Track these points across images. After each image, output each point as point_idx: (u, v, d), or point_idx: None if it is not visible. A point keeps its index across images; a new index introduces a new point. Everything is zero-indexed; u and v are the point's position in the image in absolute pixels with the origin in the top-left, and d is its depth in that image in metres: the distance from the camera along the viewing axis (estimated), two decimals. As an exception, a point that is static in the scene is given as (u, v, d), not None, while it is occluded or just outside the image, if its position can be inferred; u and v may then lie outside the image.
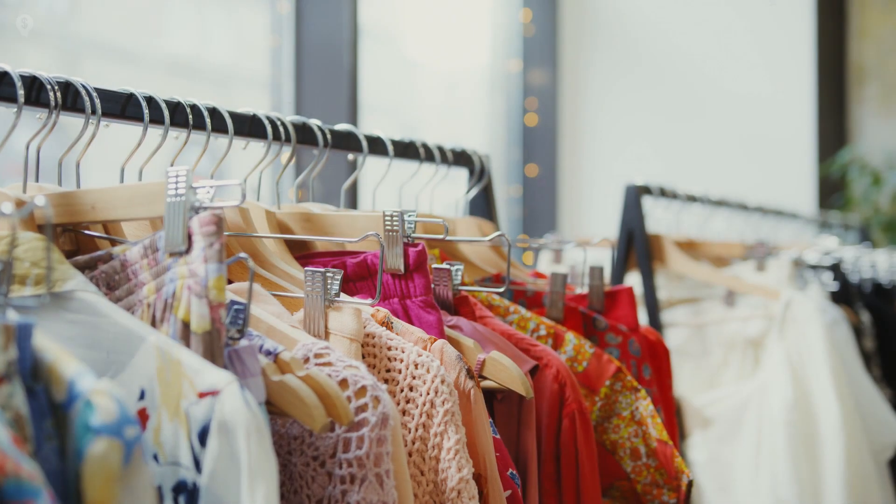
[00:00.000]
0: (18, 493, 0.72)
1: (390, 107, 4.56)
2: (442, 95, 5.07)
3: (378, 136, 1.65)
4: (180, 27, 3.51)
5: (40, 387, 0.84)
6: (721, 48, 4.93)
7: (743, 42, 4.91)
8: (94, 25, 3.07)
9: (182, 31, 3.49)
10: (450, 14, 4.92)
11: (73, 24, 3.00)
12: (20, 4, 2.73)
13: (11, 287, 0.98)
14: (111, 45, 3.14)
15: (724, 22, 4.96)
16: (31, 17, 2.55)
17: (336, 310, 1.22)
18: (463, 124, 5.19)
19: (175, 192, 1.03)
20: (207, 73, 3.66)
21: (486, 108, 5.22)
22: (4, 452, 0.72)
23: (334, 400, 1.03)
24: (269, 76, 3.86)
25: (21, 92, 1.10)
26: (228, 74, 3.87)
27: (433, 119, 4.97)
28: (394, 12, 4.53)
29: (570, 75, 5.20)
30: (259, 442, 0.91)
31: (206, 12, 3.74)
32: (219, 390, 0.93)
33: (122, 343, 0.99)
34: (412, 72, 4.81)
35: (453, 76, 5.12)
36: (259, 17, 3.96)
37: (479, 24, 5.15)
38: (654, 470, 1.59)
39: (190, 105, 1.31)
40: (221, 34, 3.85)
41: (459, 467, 1.17)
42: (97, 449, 0.79)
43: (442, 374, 1.19)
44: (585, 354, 1.60)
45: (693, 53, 4.99)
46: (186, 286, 1.00)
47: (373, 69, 4.07)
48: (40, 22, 2.79)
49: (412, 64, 4.79)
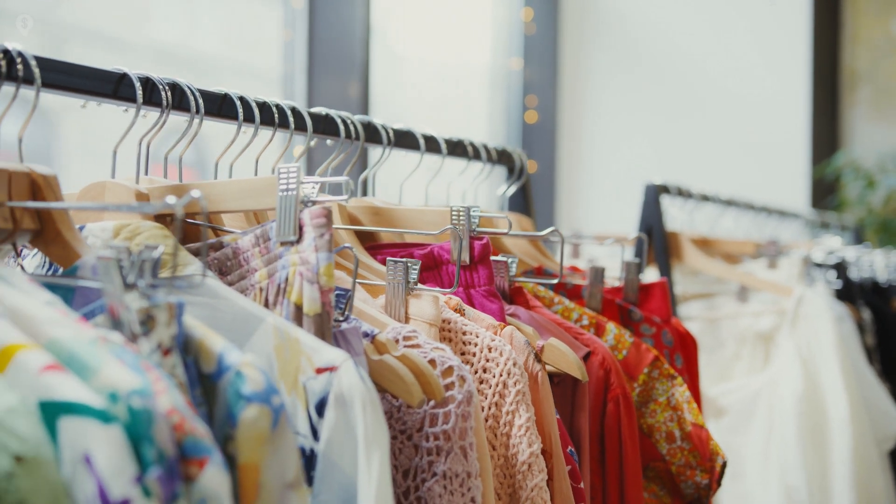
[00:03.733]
0: (196, 451, 0.82)
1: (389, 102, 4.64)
2: (443, 92, 5.16)
3: (432, 135, 1.75)
4: (170, 17, 3.54)
5: (190, 359, 0.94)
6: (720, 50, 5.06)
7: (741, 44, 5.03)
8: (81, 12, 3.06)
9: (169, 20, 3.50)
10: (452, 12, 5.02)
11: (59, 11, 2.99)
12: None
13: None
14: (98, 31, 3.13)
15: (724, 24, 5.08)
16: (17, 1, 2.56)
17: (416, 297, 1.32)
18: (463, 120, 5.29)
19: (286, 187, 1.13)
20: (194, 62, 3.66)
21: (486, 105, 5.33)
22: (182, 413, 0.82)
23: (428, 378, 1.13)
24: (282, 71, 3.95)
25: (140, 93, 1.20)
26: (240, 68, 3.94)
27: (434, 115, 5.06)
28: (396, 10, 4.60)
29: (570, 74, 5.31)
30: (374, 413, 1.02)
31: (197, 1, 3.76)
32: (336, 366, 1.03)
33: (240, 323, 1.09)
34: (413, 68, 4.89)
35: (455, 73, 5.21)
36: (272, 12, 4.04)
37: (480, 23, 5.25)
38: (687, 452, 1.70)
39: (275, 104, 1.41)
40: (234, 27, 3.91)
41: (530, 443, 1.27)
42: (249, 414, 0.90)
43: (514, 357, 1.29)
44: (625, 343, 1.71)
45: (692, 54, 5.11)
46: (298, 273, 1.11)
47: (378, 65, 4.14)
48: (26, 6, 2.79)
49: (413, 60, 4.88)
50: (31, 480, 0.71)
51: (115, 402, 0.79)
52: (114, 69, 1.20)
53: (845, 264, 3.05)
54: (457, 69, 5.22)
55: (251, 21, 4.15)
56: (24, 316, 0.86)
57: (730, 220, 3.14)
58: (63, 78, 1.12)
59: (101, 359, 0.82)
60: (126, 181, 1.22)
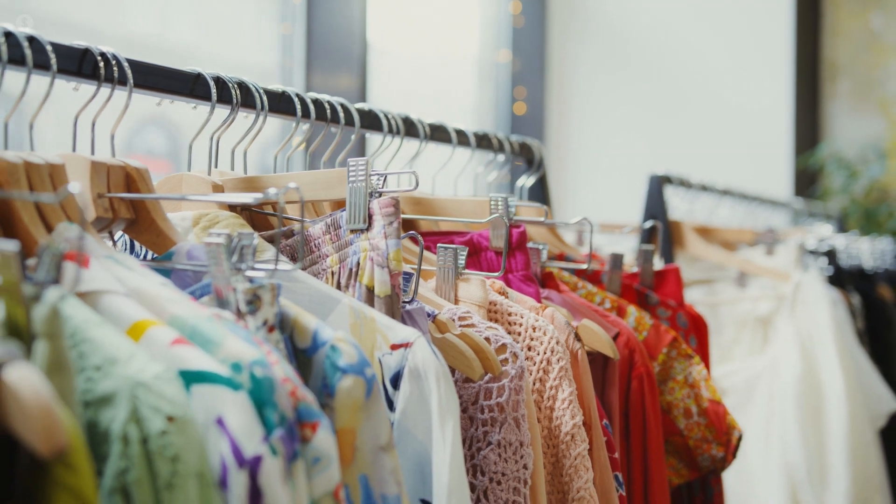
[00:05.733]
0: (308, 416, 0.92)
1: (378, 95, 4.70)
2: (432, 84, 5.24)
3: (463, 129, 1.85)
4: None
5: (286, 335, 1.04)
6: (706, 44, 5.18)
7: (725, 38, 5.15)
8: (54, 3, 3.04)
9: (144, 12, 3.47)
10: (440, 6, 5.10)
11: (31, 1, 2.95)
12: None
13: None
14: (71, 22, 3.11)
15: (709, 19, 5.20)
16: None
17: (464, 281, 1.42)
18: (452, 112, 5.37)
19: (356, 179, 1.22)
20: (168, 53, 3.63)
21: (475, 97, 5.42)
22: (294, 382, 0.92)
23: (487, 354, 1.23)
24: (280, 65, 4.03)
25: (214, 91, 1.29)
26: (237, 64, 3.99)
27: (421, 106, 5.14)
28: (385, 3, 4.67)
29: (557, 66, 5.41)
30: (447, 385, 1.12)
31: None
32: (410, 342, 1.13)
33: (317, 304, 1.19)
34: (401, 61, 4.96)
35: (443, 65, 5.30)
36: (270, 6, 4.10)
37: (468, 16, 5.34)
38: (704, 427, 1.81)
39: (326, 101, 1.51)
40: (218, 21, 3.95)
41: (573, 415, 1.38)
42: (345, 384, 0.99)
43: (557, 336, 1.40)
44: (645, 325, 1.81)
45: (678, 48, 5.23)
46: (369, 258, 1.20)
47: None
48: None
49: (402, 53, 4.95)
50: (182, 437, 0.80)
51: (239, 371, 0.89)
52: (190, 70, 1.28)
53: (835, 251, 3.17)
54: (445, 61, 5.31)
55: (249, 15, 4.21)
56: (146, 295, 0.96)
57: (726, 209, 3.25)
58: (150, 79, 1.21)
59: (222, 333, 0.92)
60: (200, 174, 1.31)
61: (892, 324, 3.41)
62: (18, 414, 0.70)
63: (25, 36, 1.05)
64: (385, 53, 4.76)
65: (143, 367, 0.82)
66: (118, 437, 0.80)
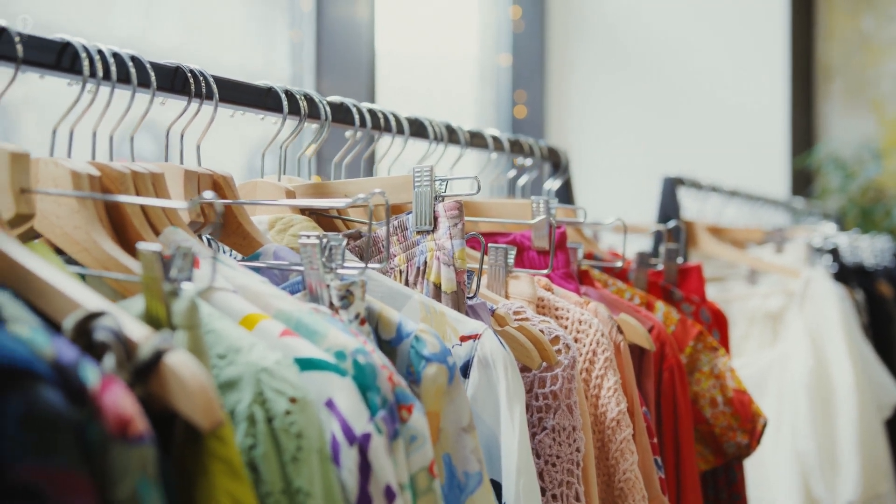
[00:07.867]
0: (405, 399, 1.01)
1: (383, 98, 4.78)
2: (433, 87, 5.33)
3: (496, 135, 1.95)
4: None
5: (371, 327, 1.13)
6: (703, 47, 5.29)
7: (722, 40, 5.26)
8: (39, 6, 3.06)
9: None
10: (441, 9, 5.19)
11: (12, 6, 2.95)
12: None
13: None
14: (57, 27, 3.10)
15: (706, 22, 5.31)
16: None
17: (514, 278, 1.52)
18: (454, 115, 5.45)
19: (421, 184, 1.32)
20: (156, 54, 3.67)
21: (476, 100, 5.52)
22: (390, 369, 1.02)
23: (544, 345, 1.33)
24: (291, 72, 4.12)
25: (285, 103, 1.39)
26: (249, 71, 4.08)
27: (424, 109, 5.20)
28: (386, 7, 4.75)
29: (557, 69, 5.52)
30: (514, 373, 1.22)
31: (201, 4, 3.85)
32: (479, 334, 1.23)
33: (389, 300, 1.28)
34: (403, 64, 5.05)
35: (445, 69, 5.39)
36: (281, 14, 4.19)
37: (469, 20, 5.44)
38: (729, 416, 1.91)
39: (380, 112, 1.61)
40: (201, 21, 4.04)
41: (618, 402, 1.48)
42: (430, 372, 1.09)
43: (602, 329, 1.50)
44: (673, 319, 1.91)
45: (676, 51, 5.34)
46: (436, 257, 1.30)
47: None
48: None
49: (404, 56, 5.04)
50: (304, 416, 0.90)
51: (343, 359, 0.98)
52: (262, 84, 1.38)
53: (839, 249, 3.28)
54: (447, 65, 5.40)
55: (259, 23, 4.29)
56: (251, 292, 1.05)
57: (733, 209, 3.36)
58: (231, 93, 1.31)
59: (325, 325, 1.01)
60: (271, 180, 1.40)
61: (893, 319, 3.52)
62: (181, 393, 0.79)
63: (129, 56, 1.15)
64: (388, 57, 4.85)
65: (264, 354, 0.92)
66: (245, 418, 0.90)
